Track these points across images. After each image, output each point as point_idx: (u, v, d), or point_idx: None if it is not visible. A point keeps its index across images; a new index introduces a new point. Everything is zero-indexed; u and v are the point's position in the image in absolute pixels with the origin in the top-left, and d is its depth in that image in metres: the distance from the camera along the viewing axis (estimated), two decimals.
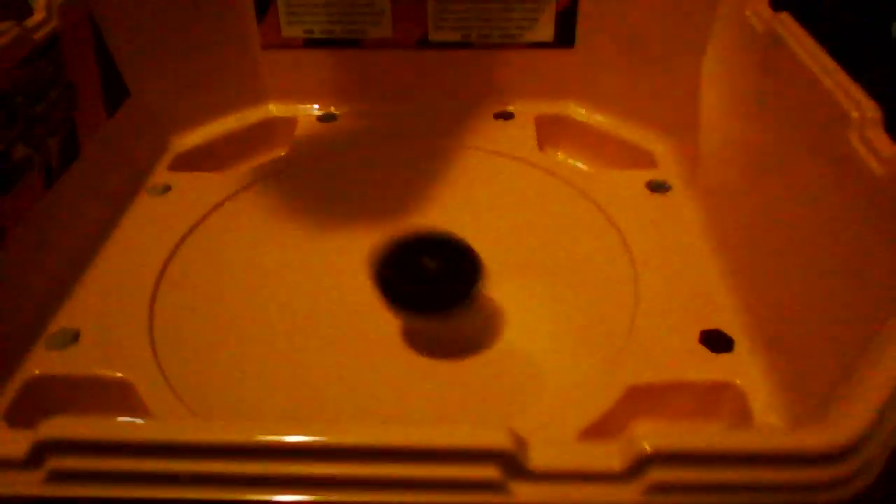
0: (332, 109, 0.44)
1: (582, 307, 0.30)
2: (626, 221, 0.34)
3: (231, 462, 0.16)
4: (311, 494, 0.16)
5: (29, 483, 0.16)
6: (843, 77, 0.26)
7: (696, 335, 0.28)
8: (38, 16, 0.33)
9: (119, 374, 0.27)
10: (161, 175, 0.39)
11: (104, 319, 0.30)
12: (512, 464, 0.16)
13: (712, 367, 0.27)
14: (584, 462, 0.16)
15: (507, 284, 0.32)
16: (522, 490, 0.16)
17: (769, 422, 0.25)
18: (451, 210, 0.36)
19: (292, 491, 0.16)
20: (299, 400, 0.27)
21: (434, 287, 0.28)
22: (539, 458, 0.16)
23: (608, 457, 0.16)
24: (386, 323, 0.30)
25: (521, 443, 0.16)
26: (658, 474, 0.16)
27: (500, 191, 0.37)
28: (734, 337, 0.28)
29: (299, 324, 0.30)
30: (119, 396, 0.27)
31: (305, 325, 0.30)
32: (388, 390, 0.27)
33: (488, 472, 0.16)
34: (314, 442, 0.16)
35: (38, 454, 0.16)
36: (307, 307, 0.31)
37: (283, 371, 0.28)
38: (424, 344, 0.29)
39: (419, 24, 0.42)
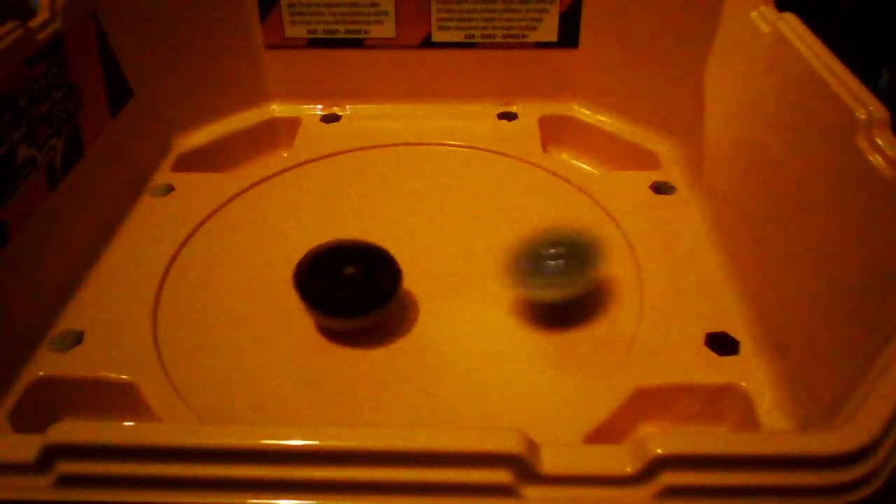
0: (336, 110, 0.44)
1: (586, 309, 0.30)
2: (631, 223, 0.34)
3: (245, 466, 0.16)
4: (322, 499, 0.16)
5: (38, 487, 0.16)
6: (849, 78, 0.26)
7: (702, 337, 0.28)
8: (42, 16, 0.32)
9: (123, 376, 0.27)
10: (164, 175, 0.39)
11: (108, 321, 0.29)
12: (524, 468, 0.16)
13: (718, 370, 0.27)
14: (595, 466, 0.16)
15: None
16: (534, 494, 0.16)
17: (774, 425, 0.25)
18: (454, 210, 0.36)
19: (302, 496, 0.16)
20: (305, 402, 0.27)
21: (353, 290, 0.28)
22: (551, 461, 0.16)
23: (620, 460, 0.16)
24: (393, 323, 0.30)
25: (532, 447, 0.16)
26: (670, 478, 0.16)
27: (503, 191, 0.37)
28: (740, 339, 0.28)
29: (304, 325, 0.30)
30: (123, 398, 0.27)
31: (311, 326, 0.30)
32: (399, 391, 0.27)
33: (501, 476, 0.16)
34: (324, 446, 0.16)
35: (48, 458, 0.16)
36: None
37: (288, 372, 0.28)
38: (428, 347, 0.29)
39: (423, 24, 0.42)
